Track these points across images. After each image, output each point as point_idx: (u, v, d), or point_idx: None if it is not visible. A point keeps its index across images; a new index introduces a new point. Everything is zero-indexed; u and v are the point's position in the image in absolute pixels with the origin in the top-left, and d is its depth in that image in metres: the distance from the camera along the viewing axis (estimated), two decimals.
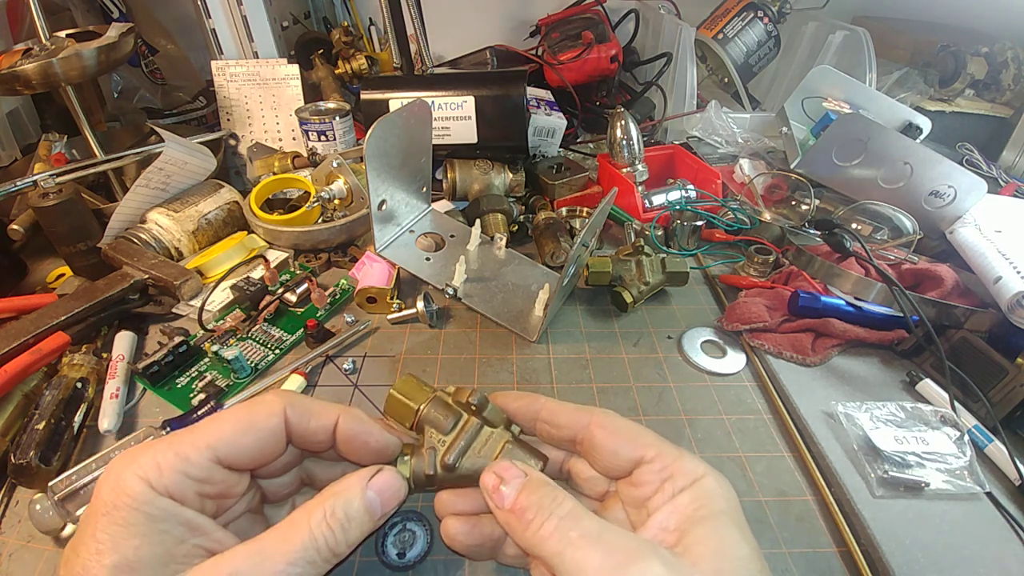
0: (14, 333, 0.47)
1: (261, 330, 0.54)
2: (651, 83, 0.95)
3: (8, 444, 0.41)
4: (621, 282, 0.57)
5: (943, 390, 0.46)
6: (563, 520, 0.24)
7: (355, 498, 0.26)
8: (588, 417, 0.30)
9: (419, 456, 0.30)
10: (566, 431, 0.30)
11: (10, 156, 0.75)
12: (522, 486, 0.26)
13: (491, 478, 0.27)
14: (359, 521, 0.25)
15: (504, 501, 0.26)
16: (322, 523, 0.24)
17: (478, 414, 0.31)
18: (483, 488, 0.28)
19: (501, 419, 0.32)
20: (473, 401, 0.31)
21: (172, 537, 0.22)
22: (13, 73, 0.58)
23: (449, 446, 0.30)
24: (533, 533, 0.24)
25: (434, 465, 0.30)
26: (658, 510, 0.26)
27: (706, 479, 0.26)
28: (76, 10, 0.88)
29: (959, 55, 0.89)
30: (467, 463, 0.30)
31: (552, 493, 0.26)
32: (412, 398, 0.32)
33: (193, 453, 0.24)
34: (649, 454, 0.27)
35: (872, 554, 0.36)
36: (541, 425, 0.31)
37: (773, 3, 0.98)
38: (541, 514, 0.25)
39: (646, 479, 0.27)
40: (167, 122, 0.92)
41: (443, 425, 0.31)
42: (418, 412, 0.32)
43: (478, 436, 0.31)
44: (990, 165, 0.84)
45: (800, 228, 0.66)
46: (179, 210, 0.62)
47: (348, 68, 0.91)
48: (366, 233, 0.66)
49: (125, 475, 0.22)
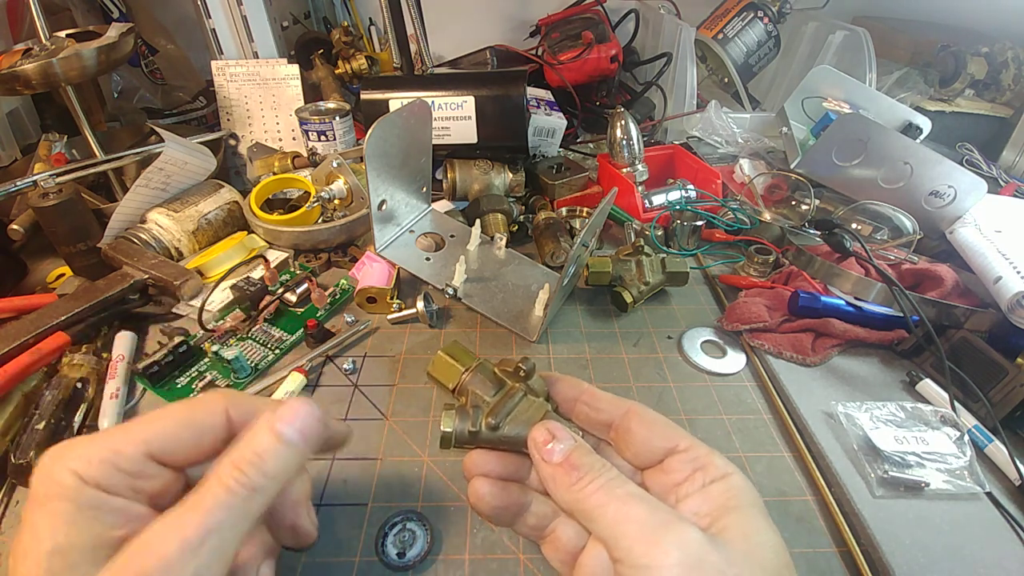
0: (14, 333, 0.47)
1: (261, 330, 0.54)
2: (651, 83, 0.95)
3: (8, 444, 0.41)
4: (621, 282, 0.57)
5: (943, 390, 0.46)
6: (611, 480, 0.25)
7: (261, 431, 0.25)
8: (626, 405, 0.30)
9: (463, 413, 0.31)
10: (604, 415, 0.31)
11: (10, 156, 0.75)
12: (572, 448, 0.27)
13: (543, 433, 0.28)
14: (273, 451, 0.24)
15: (554, 455, 0.27)
16: (229, 467, 0.24)
17: (524, 380, 0.32)
18: (532, 442, 0.28)
19: (543, 391, 0.33)
20: (523, 366, 0.32)
21: (103, 524, 0.23)
22: (13, 73, 0.58)
23: (493, 407, 0.31)
24: (580, 489, 0.25)
25: (478, 423, 0.30)
26: (690, 497, 0.27)
27: (735, 475, 0.27)
28: (76, 10, 0.88)
29: (959, 55, 0.89)
30: (509, 426, 0.30)
31: (600, 460, 0.27)
32: (459, 360, 0.33)
33: (127, 447, 0.24)
34: (683, 444, 0.28)
35: (872, 554, 0.36)
36: (580, 407, 0.32)
37: (773, 3, 0.98)
38: (591, 474, 0.26)
39: (677, 467, 0.28)
40: (167, 122, 0.92)
41: (487, 388, 0.32)
42: (463, 374, 0.33)
43: (521, 402, 0.31)
44: (990, 165, 0.84)
45: (800, 228, 0.66)
46: (179, 210, 0.62)
47: (348, 68, 0.91)
48: (366, 233, 0.66)
49: (55, 468, 0.23)
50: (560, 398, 0.33)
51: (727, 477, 0.26)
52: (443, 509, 0.39)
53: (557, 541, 0.29)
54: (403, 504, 0.39)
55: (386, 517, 0.38)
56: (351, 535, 0.37)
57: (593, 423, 0.32)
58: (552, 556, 0.30)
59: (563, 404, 0.33)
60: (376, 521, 0.38)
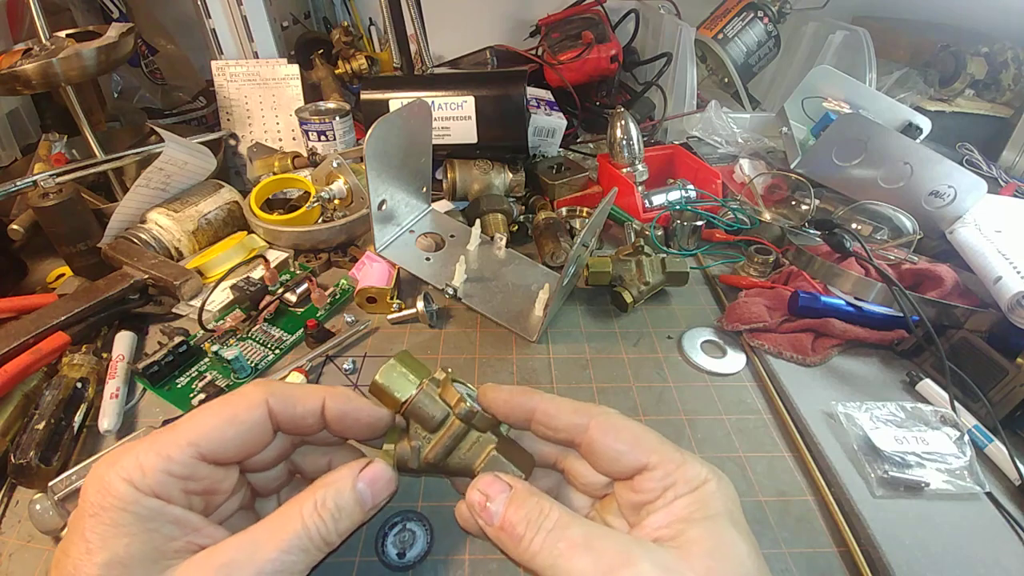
0: (14, 333, 0.47)
1: (261, 330, 0.54)
2: (651, 83, 0.95)
3: (8, 444, 0.41)
4: (621, 282, 0.57)
5: (943, 390, 0.46)
6: (551, 533, 0.24)
7: (345, 488, 0.26)
8: (587, 419, 0.28)
9: (403, 448, 0.30)
10: (563, 434, 0.29)
11: (10, 156, 0.75)
12: (508, 501, 0.26)
13: (477, 495, 0.27)
14: (349, 511, 0.26)
15: (493, 519, 0.26)
16: (313, 513, 0.25)
17: (466, 423, 0.30)
18: (470, 506, 0.28)
19: (489, 424, 0.31)
20: (460, 413, 0.30)
21: (161, 534, 0.23)
22: (13, 73, 0.58)
23: (433, 445, 0.30)
24: (524, 549, 0.25)
25: (417, 460, 0.30)
26: (657, 512, 0.26)
27: (707, 484, 0.26)
28: (76, 10, 0.88)
29: (959, 55, 0.89)
30: (452, 462, 0.30)
31: (538, 505, 0.26)
32: (398, 388, 0.31)
33: (175, 451, 0.24)
34: (652, 460, 0.27)
35: (872, 554, 0.36)
36: (536, 426, 0.30)
37: (773, 3, 0.98)
38: (531, 529, 0.25)
39: (648, 487, 0.27)
40: (167, 122, 0.91)
41: (429, 423, 0.30)
42: (404, 404, 0.31)
43: (464, 438, 0.30)
44: (990, 165, 0.84)
45: (800, 228, 0.66)
46: (179, 210, 0.62)
47: (348, 68, 0.91)
48: (366, 233, 0.66)
49: (109, 476, 0.23)
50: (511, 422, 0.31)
51: (697, 490, 0.26)
52: (443, 509, 0.39)
53: None
54: (403, 504, 0.39)
55: (386, 517, 0.38)
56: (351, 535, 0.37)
57: (552, 441, 0.30)
58: None
59: (517, 426, 0.32)
60: (376, 521, 0.37)
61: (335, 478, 0.26)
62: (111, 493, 0.23)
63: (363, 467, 0.28)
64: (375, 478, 0.27)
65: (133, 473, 0.23)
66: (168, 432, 0.25)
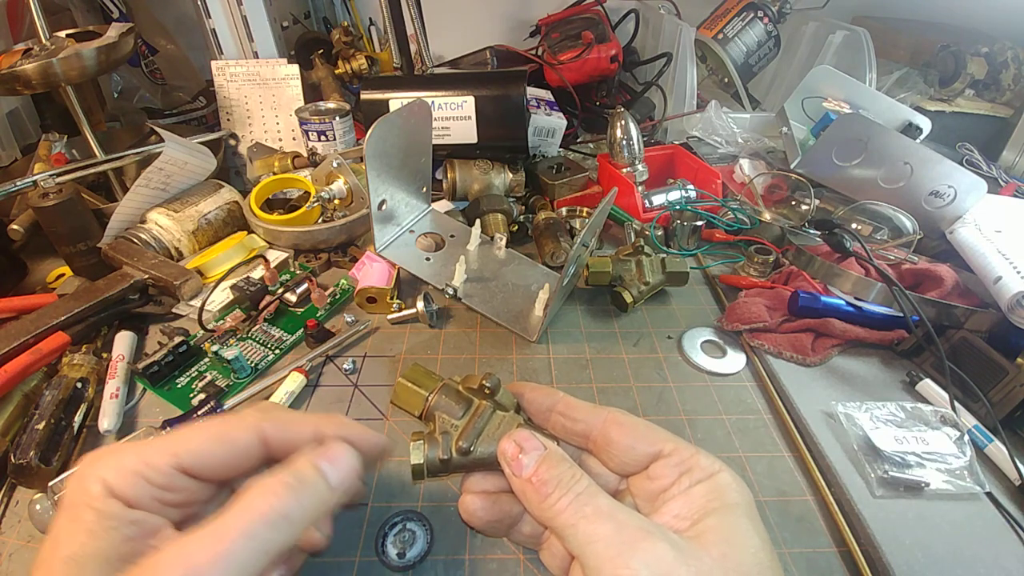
0: (14, 333, 0.47)
1: (261, 330, 0.54)
2: (651, 83, 0.95)
3: (8, 444, 0.41)
4: (621, 282, 0.57)
5: (943, 390, 0.46)
6: (580, 496, 0.25)
7: (304, 466, 0.25)
8: (604, 414, 0.30)
9: (432, 441, 0.30)
10: (581, 425, 0.30)
11: (10, 156, 0.75)
12: (542, 458, 0.27)
13: (511, 445, 0.27)
14: (312, 486, 0.25)
15: (523, 470, 0.27)
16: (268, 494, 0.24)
17: (490, 397, 0.31)
18: (501, 455, 0.28)
19: (512, 404, 0.32)
20: (487, 384, 0.31)
21: (120, 535, 0.23)
22: (13, 73, 0.58)
23: (463, 430, 0.30)
24: (549, 506, 0.25)
25: (448, 449, 0.30)
26: (672, 499, 0.26)
27: (722, 474, 0.26)
28: (76, 10, 0.88)
29: (959, 55, 0.89)
30: (482, 447, 0.30)
31: (571, 469, 0.26)
32: (422, 385, 0.32)
33: (156, 459, 0.24)
34: (667, 448, 0.28)
35: (872, 554, 0.36)
36: (556, 417, 0.31)
37: (773, 3, 0.98)
38: (560, 488, 0.25)
39: (663, 472, 0.27)
40: (167, 122, 0.91)
41: (455, 410, 0.31)
42: (428, 399, 0.32)
43: (491, 419, 0.30)
44: (990, 165, 0.84)
45: (800, 228, 0.66)
46: (179, 210, 0.62)
47: (348, 68, 0.91)
48: (366, 233, 0.66)
49: (87, 474, 0.24)
50: (532, 409, 0.32)
51: (712, 477, 0.26)
52: (443, 509, 0.39)
53: (553, 547, 0.29)
54: (403, 504, 0.39)
55: (386, 517, 0.38)
56: (351, 535, 0.37)
57: (570, 434, 0.31)
58: (549, 562, 0.30)
59: (536, 415, 0.32)
60: (376, 521, 0.38)
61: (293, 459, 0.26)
62: (84, 490, 0.23)
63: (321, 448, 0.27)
64: (335, 456, 0.27)
65: (108, 472, 0.23)
66: (156, 441, 0.26)
